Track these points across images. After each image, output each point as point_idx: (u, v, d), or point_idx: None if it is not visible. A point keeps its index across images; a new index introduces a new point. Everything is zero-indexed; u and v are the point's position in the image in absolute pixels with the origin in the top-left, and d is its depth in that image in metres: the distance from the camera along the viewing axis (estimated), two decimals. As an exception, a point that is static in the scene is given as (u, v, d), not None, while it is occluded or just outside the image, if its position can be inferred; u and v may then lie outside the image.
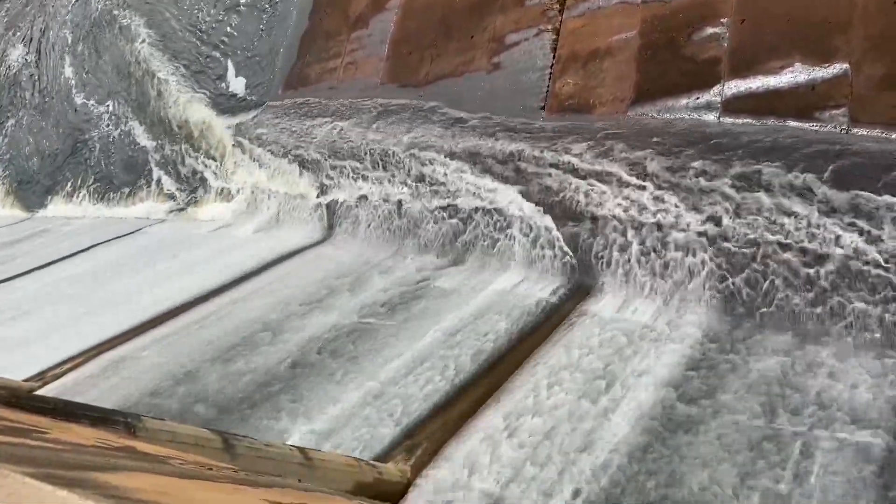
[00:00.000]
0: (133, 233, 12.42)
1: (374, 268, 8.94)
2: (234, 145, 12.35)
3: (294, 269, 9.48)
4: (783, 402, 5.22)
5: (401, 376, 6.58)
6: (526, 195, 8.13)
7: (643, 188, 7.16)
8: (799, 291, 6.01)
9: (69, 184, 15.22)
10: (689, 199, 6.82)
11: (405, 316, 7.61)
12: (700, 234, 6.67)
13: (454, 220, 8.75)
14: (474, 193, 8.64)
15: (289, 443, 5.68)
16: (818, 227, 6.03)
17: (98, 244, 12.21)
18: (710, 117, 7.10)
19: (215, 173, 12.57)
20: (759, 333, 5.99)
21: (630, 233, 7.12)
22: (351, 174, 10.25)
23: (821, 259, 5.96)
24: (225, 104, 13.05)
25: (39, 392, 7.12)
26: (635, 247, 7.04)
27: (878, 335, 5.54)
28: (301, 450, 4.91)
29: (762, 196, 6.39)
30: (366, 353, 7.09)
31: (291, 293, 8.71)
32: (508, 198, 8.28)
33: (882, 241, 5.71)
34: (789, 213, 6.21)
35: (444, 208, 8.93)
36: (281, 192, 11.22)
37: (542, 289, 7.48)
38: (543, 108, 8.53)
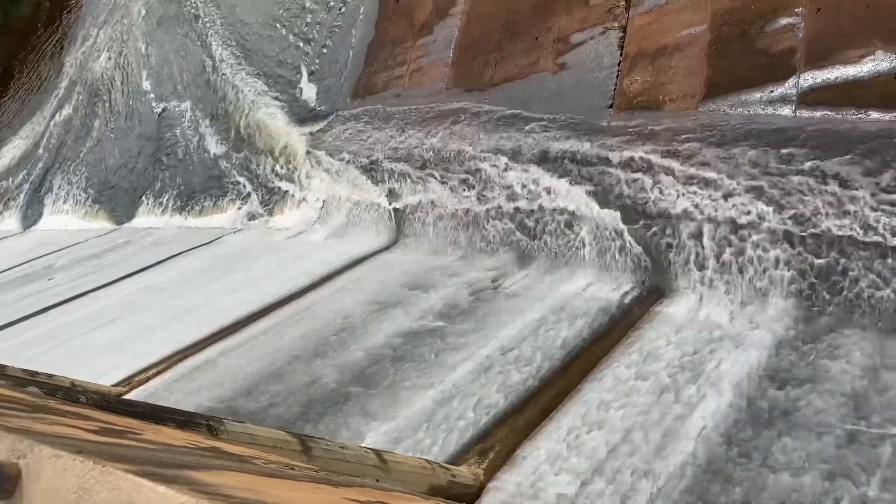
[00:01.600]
0: (212, 242, 12.85)
1: (442, 271, 9.00)
2: (306, 153, 12.65)
3: (365, 274, 9.64)
4: (870, 402, 5.01)
5: (472, 379, 6.61)
6: (595, 195, 8.05)
7: (716, 185, 7.00)
8: (884, 287, 5.77)
9: (151, 195, 15.87)
10: (766, 195, 6.63)
11: (475, 319, 7.64)
12: (778, 230, 6.47)
13: (522, 222, 8.73)
14: (542, 195, 8.61)
15: (363, 445, 5.78)
16: (905, 221, 5.78)
17: (180, 253, 12.68)
18: (786, 111, 6.89)
19: (289, 182, 12.89)
20: (843, 332, 5.77)
21: (704, 231, 6.97)
22: (418, 179, 10.36)
23: (908, 254, 5.71)
24: (297, 113, 13.39)
25: (127, 397, 7.45)
26: (710, 245, 6.89)
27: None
28: (376, 452, 4.99)
29: (839, 189, 6.16)
30: (437, 356, 7.15)
31: (362, 298, 8.85)
32: (577, 198, 8.22)
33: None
34: (871, 208, 5.96)
35: (511, 210, 8.92)
36: (351, 198, 11.43)
37: (614, 290, 7.39)
38: (611, 106, 8.44)
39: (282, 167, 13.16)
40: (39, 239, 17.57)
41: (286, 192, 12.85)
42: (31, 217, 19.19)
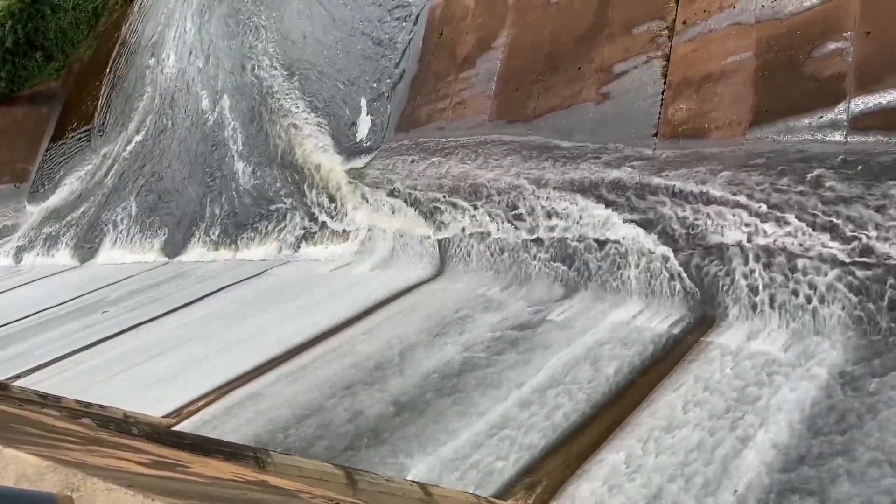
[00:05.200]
0: (259, 274, 13.05)
1: (487, 302, 8.97)
2: (351, 186, 12.83)
3: (410, 306, 9.66)
4: (936, 439, 4.80)
5: (520, 411, 6.53)
6: (641, 224, 7.97)
7: (767, 213, 6.86)
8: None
9: (201, 228, 16.23)
10: (818, 222, 6.47)
11: (521, 350, 7.58)
12: (832, 258, 6.30)
13: (567, 252, 8.68)
14: (588, 224, 8.55)
15: (409, 478, 5.74)
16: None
17: (228, 286, 12.90)
18: (837, 136, 6.75)
19: (334, 215, 13.07)
20: (905, 364, 5.55)
21: (755, 260, 6.82)
22: (461, 211, 10.40)
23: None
24: (343, 146, 13.62)
25: (176, 428, 7.55)
26: (761, 274, 6.73)
27: None
28: (421, 485, 4.95)
29: (900, 216, 5.98)
30: (482, 387, 7.10)
31: (408, 329, 8.86)
32: (623, 228, 8.13)
33: None
34: (933, 234, 5.77)
35: (556, 241, 8.87)
36: (396, 230, 11.51)
37: (663, 320, 7.26)
38: (656, 135, 8.38)
39: (327, 200, 13.36)
40: (94, 272, 18.09)
41: (332, 224, 13.03)
42: (86, 251, 19.79)
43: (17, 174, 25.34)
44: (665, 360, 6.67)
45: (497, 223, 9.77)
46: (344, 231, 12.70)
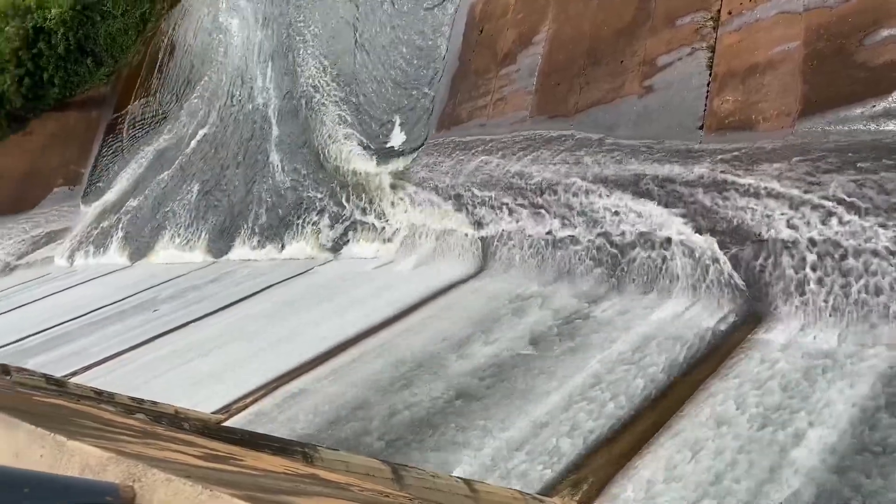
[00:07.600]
0: (304, 273, 13.22)
1: (531, 299, 8.95)
2: (393, 184, 12.91)
3: (453, 303, 9.69)
4: None
5: (563, 408, 6.51)
6: (687, 219, 7.86)
7: (818, 205, 6.71)
8: None
9: (247, 228, 16.51)
10: (872, 215, 6.30)
11: (565, 347, 7.54)
12: (886, 251, 6.13)
13: (612, 248, 8.60)
14: (632, 219, 8.46)
15: (454, 474, 5.76)
16: None
17: (273, 284, 13.11)
18: (891, 126, 6.56)
19: (376, 213, 13.17)
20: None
21: (805, 254, 6.67)
22: (503, 207, 10.38)
23: None
24: (385, 146, 13.72)
25: (226, 424, 7.70)
26: (811, 268, 6.59)
27: None
28: (466, 482, 4.97)
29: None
30: (527, 385, 7.08)
31: (451, 326, 8.89)
32: (669, 222, 8.03)
33: None
34: None
35: (600, 236, 8.80)
36: (438, 227, 11.55)
37: (710, 316, 7.15)
38: (702, 127, 8.25)
39: (369, 198, 13.47)
40: (145, 272, 18.54)
41: (374, 222, 13.13)
42: (137, 251, 20.29)
43: (70, 177, 26.11)
44: (713, 356, 6.57)
45: (539, 219, 9.73)
46: (386, 229, 12.79)
